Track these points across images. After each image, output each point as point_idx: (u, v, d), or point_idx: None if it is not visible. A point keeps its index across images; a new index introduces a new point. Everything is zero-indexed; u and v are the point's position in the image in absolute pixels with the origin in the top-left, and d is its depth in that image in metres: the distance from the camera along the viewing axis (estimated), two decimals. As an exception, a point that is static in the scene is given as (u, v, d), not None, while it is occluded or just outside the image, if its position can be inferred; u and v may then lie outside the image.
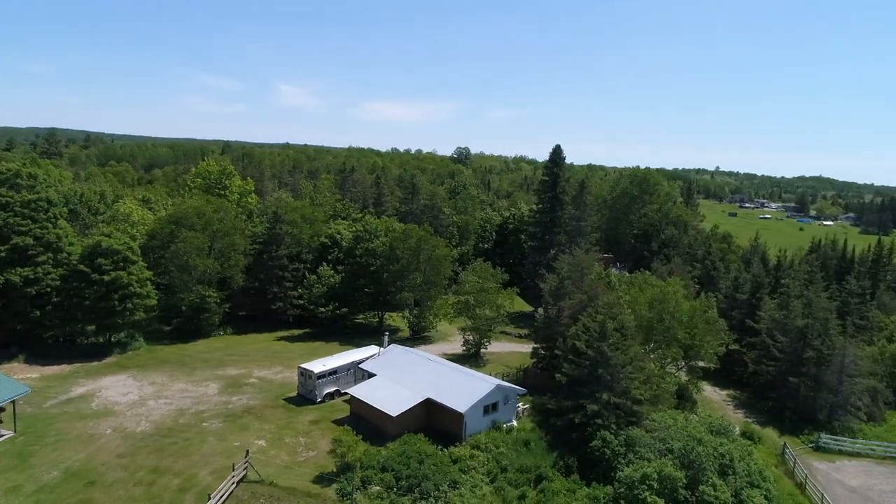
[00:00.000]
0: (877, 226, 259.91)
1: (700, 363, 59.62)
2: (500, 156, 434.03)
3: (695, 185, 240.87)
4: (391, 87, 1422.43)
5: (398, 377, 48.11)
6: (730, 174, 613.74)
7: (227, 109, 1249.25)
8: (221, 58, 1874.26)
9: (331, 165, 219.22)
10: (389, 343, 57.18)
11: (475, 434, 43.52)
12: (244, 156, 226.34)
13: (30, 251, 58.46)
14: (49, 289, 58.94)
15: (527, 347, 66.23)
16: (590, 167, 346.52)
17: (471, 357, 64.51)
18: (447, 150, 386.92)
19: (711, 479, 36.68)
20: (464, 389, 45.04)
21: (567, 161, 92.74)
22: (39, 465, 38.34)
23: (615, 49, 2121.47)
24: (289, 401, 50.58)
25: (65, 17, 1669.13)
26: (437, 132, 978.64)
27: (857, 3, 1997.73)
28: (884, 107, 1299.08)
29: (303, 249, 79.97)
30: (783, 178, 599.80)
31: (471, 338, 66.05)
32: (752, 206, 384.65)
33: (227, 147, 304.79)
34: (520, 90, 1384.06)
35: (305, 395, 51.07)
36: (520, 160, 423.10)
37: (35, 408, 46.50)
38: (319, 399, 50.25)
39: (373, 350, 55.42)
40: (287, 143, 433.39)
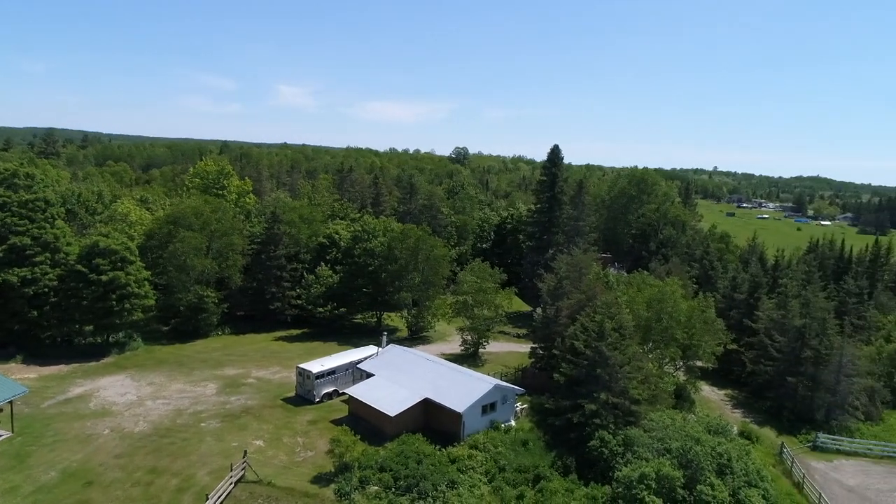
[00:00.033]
0: (874, 226, 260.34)
1: (698, 363, 59.66)
2: (499, 156, 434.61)
3: (693, 185, 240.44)
4: (390, 87, 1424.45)
5: (396, 377, 48.10)
6: (728, 174, 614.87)
7: (225, 109, 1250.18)
8: (219, 58, 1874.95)
9: (329, 165, 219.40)
10: (388, 343, 57.12)
11: (473, 434, 43.54)
12: (242, 156, 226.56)
13: (27, 251, 58.39)
14: (46, 289, 58.88)
15: (525, 347, 66.28)
16: (588, 167, 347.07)
17: (469, 357, 64.53)
18: (445, 151, 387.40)
19: (709, 479, 36.75)
20: (462, 389, 45.06)
21: (565, 161, 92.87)
22: (37, 466, 38.27)
23: (615, 49, 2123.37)
24: (287, 401, 50.55)
25: (63, 17, 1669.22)
26: (436, 132, 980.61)
27: (857, 3, 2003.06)
28: (882, 107, 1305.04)
29: (301, 249, 79.92)
30: (781, 178, 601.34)
31: (469, 338, 66.06)
32: (750, 206, 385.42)
33: (226, 147, 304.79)
34: (519, 90, 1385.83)
35: (303, 396, 51.04)
36: (518, 160, 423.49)
37: (33, 408, 46.43)
38: (317, 399, 50.24)
39: (371, 350, 55.41)
40: (285, 143, 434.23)
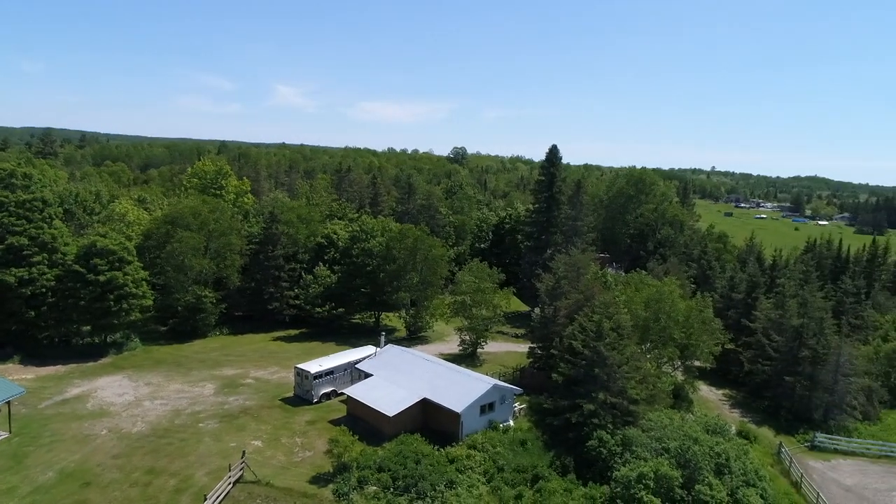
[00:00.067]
0: (872, 225, 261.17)
1: (696, 363, 59.75)
2: (497, 156, 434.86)
3: (691, 185, 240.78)
4: (388, 87, 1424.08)
5: (395, 377, 48.09)
6: (726, 174, 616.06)
7: (224, 109, 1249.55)
8: (218, 58, 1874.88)
9: (327, 165, 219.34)
10: (386, 343, 57.10)
11: (472, 434, 43.52)
12: (240, 156, 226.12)
13: (25, 251, 58.27)
14: (44, 289, 58.76)
15: (523, 347, 66.30)
16: (586, 167, 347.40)
17: (467, 357, 64.53)
18: (444, 151, 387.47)
19: (707, 479, 36.80)
20: (460, 389, 45.05)
21: (564, 161, 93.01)
22: (34, 466, 38.18)
23: (615, 49, 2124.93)
24: (285, 401, 50.50)
25: (60, 17, 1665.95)
26: (434, 132, 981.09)
27: (857, 3, 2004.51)
28: (881, 107, 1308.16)
29: (299, 249, 79.87)
30: (779, 178, 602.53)
31: (467, 338, 66.05)
32: (748, 206, 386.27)
33: (224, 147, 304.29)
34: (519, 90, 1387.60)
35: (302, 396, 50.99)
36: (516, 160, 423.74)
37: (30, 408, 46.32)
38: (316, 399, 50.19)
39: (369, 350, 55.38)
40: (283, 143, 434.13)
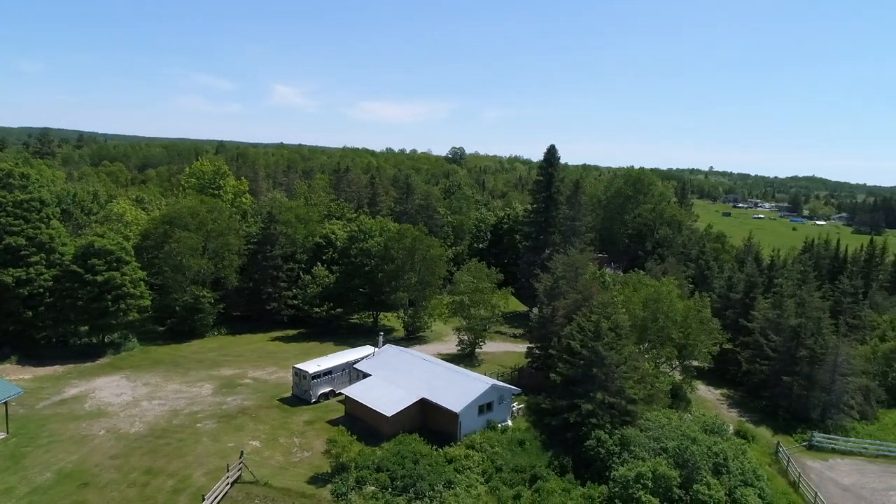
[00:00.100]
0: (869, 225, 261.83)
1: (694, 362, 59.80)
2: (495, 156, 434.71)
3: (689, 185, 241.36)
4: (388, 87, 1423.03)
5: (393, 377, 48.08)
6: (723, 174, 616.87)
7: (222, 109, 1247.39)
8: (217, 57, 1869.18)
9: (325, 165, 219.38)
10: (384, 343, 57.07)
11: (470, 434, 43.53)
12: (238, 156, 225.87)
13: (22, 251, 58.13)
14: (42, 289, 58.63)
15: (521, 347, 66.31)
16: (584, 167, 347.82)
17: (466, 357, 64.54)
18: (442, 151, 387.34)
19: (706, 478, 36.83)
20: (459, 389, 45.06)
21: (562, 161, 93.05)
22: (32, 467, 38.09)
23: (615, 49, 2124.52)
24: (283, 401, 50.47)
25: (58, 17, 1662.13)
26: (433, 132, 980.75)
27: (857, 3, 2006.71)
28: (878, 107, 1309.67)
29: (297, 249, 79.82)
30: (776, 178, 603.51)
31: (465, 338, 66.06)
32: (746, 206, 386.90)
33: (222, 147, 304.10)
34: (519, 90, 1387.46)
35: (300, 396, 50.96)
36: (514, 160, 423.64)
37: (28, 409, 46.24)
38: (314, 399, 50.17)
39: (367, 350, 55.37)
40: (282, 143, 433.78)
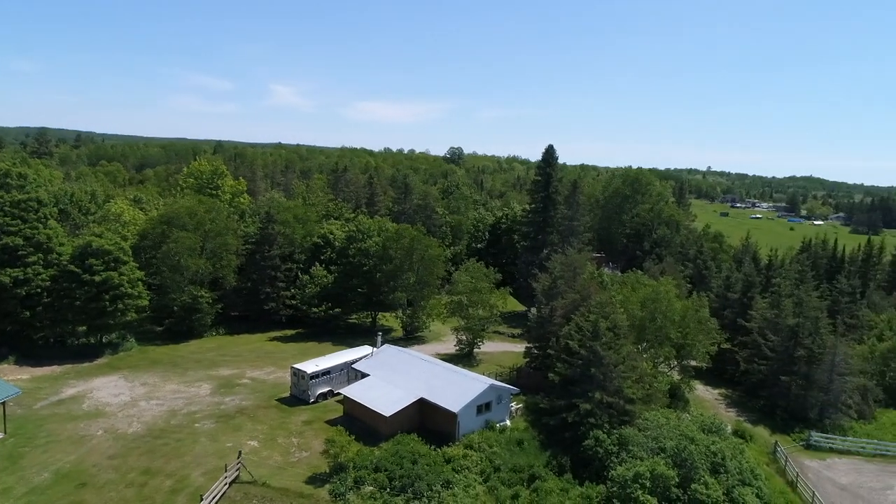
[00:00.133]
0: (866, 225, 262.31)
1: (692, 362, 59.87)
2: (493, 156, 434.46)
3: (686, 185, 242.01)
4: (386, 87, 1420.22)
5: (391, 377, 48.06)
6: (721, 174, 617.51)
7: (220, 109, 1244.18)
8: (216, 57, 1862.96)
9: (323, 165, 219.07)
10: (382, 343, 57.00)
11: (468, 434, 43.52)
12: (236, 156, 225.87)
13: (20, 251, 58.03)
14: (39, 289, 58.53)
15: (520, 347, 66.28)
16: (582, 167, 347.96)
17: (464, 357, 64.54)
18: (440, 151, 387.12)
19: (703, 478, 36.89)
20: (457, 389, 45.05)
21: (560, 161, 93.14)
22: (30, 467, 38.02)
23: (615, 49, 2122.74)
24: (281, 401, 50.44)
25: (55, 16, 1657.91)
26: (431, 132, 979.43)
27: (857, 3, 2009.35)
28: (876, 107, 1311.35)
29: (295, 249, 79.76)
30: (774, 178, 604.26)
31: (464, 338, 66.07)
32: (744, 206, 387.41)
33: (219, 147, 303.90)
34: (518, 90, 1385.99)
35: (298, 396, 50.93)
36: (513, 160, 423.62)
37: (25, 409, 46.13)
38: (312, 399, 50.14)
39: (366, 350, 55.34)
40: (279, 143, 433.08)
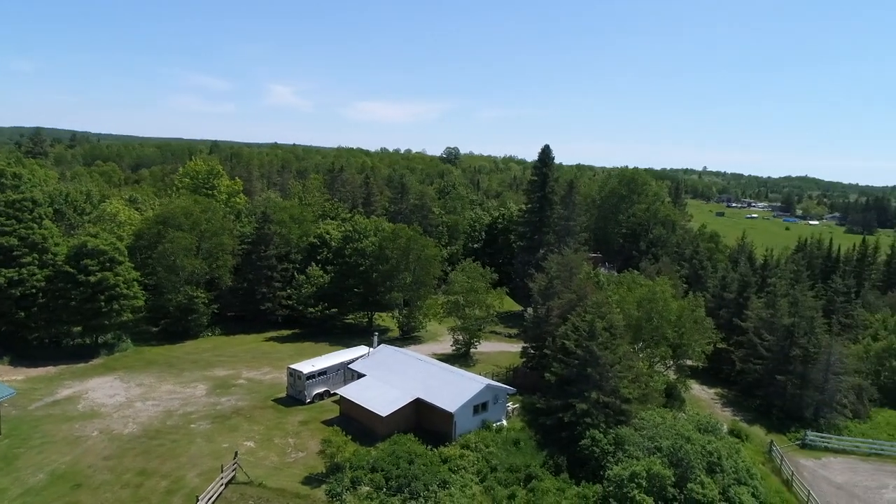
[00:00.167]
0: (861, 225, 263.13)
1: (688, 362, 60.02)
2: (490, 156, 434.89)
3: (682, 185, 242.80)
4: (384, 87, 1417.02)
5: (388, 377, 48.04)
6: (717, 174, 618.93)
7: (216, 109, 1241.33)
8: (215, 57, 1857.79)
9: (320, 165, 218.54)
10: (379, 343, 56.99)
11: (465, 434, 43.54)
12: (232, 155, 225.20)
13: (14, 252, 57.82)
14: (34, 290, 58.32)
15: (516, 347, 66.35)
16: (579, 167, 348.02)
17: (460, 357, 64.57)
18: (436, 151, 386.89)
19: (699, 477, 36.92)
20: (453, 389, 45.06)
21: (557, 161, 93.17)
22: (25, 468, 37.90)
23: (615, 49, 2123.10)
24: (278, 401, 50.37)
25: (52, 16, 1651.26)
26: (427, 132, 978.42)
27: (857, 3, 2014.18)
28: (873, 107, 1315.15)
29: (291, 249, 79.64)
30: (770, 178, 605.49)
31: (460, 337, 66.11)
32: (739, 206, 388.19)
33: (216, 147, 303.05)
34: (518, 90, 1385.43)
35: (294, 396, 50.87)
36: (509, 160, 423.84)
37: (20, 410, 45.96)
38: (309, 400, 50.09)
39: (362, 350, 55.31)
40: (276, 143, 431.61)
